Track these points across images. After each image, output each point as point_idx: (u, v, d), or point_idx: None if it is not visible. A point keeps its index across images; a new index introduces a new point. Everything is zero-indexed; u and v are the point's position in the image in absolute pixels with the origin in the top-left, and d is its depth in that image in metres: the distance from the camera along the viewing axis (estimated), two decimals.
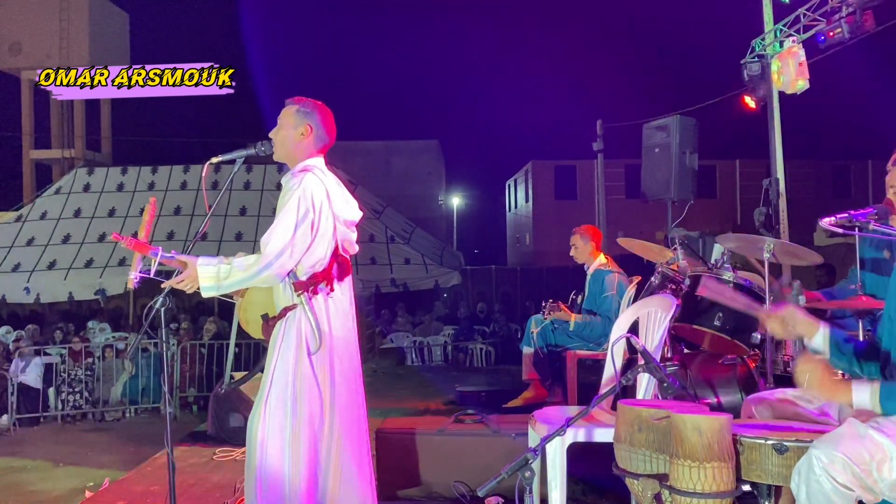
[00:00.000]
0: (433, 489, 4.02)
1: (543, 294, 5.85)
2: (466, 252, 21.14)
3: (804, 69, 7.57)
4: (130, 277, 2.81)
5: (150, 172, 15.05)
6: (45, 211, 14.51)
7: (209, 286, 2.81)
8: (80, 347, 9.30)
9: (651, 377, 2.93)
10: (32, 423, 8.49)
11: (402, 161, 29.82)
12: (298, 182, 2.93)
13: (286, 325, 2.95)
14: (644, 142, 7.91)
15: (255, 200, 13.68)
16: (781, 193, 8.18)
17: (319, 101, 3.12)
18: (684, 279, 4.35)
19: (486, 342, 12.87)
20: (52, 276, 12.95)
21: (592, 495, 3.97)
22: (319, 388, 2.93)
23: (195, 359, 9.37)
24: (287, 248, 2.83)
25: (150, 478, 4.79)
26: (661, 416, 2.44)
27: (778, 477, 2.32)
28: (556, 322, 5.66)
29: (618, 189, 23.70)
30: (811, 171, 25.52)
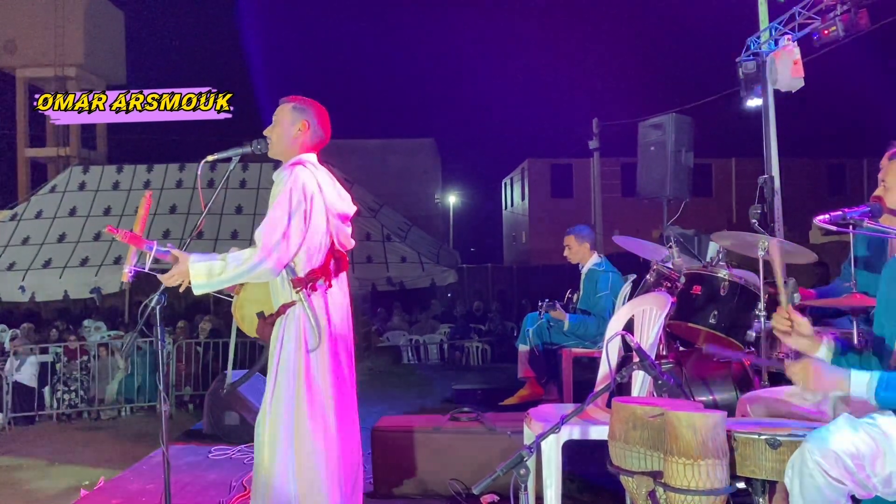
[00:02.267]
0: (429, 487, 4.03)
1: (539, 292, 5.84)
2: (463, 250, 21.18)
3: (799, 67, 7.57)
4: (125, 271, 2.79)
5: (145, 171, 15.04)
6: (40, 210, 14.48)
7: (200, 283, 2.77)
8: (76, 346, 9.28)
9: (646, 375, 2.94)
10: (28, 422, 8.48)
11: (399, 159, 29.79)
12: (289, 174, 2.92)
13: (286, 323, 2.94)
14: (640, 140, 7.91)
15: (251, 198, 13.67)
16: (777, 191, 8.18)
17: (314, 100, 3.13)
18: (679, 277, 4.35)
19: (482, 340, 12.87)
20: (48, 275, 12.93)
21: (587, 493, 3.97)
22: (321, 386, 2.93)
23: (191, 357, 9.36)
24: (282, 239, 2.80)
25: (146, 476, 4.78)
26: (655, 413, 2.45)
27: (772, 472, 2.33)
28: (552, 320, 5.66)
29: (614, 187, 23.73)
30: (806, 169, 25.59)
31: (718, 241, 4.27)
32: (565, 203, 27.28)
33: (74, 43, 23.30)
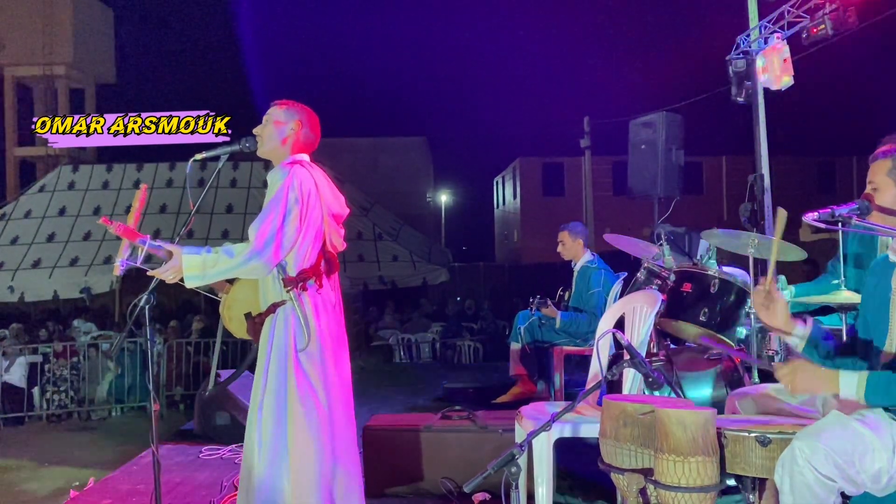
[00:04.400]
0: (420, 485, 4.03)
1: (531, 290, 5.85)
2: (454, 249, 21.18)
3: (789, 65, 7.59)
4: (116, 264, 2.78)
5: (135, 170, 15.00)
6: (29, 209, 14.41)
7: (193, 275, 2.75)
8: (64, 346, 9.23)
9: (636, 372, 2.94)
10: (17, 423, 8.42)
11: (390, 158, 29.79)
12: (287, 172, 2.92)
13: (275, 322, 2.93)
14: (631, 138, 7.94)
15: (241, 198, 13.65)
16: (767, 189, 8.22)
17: (305, 105, 3.15)
18: (669, 275, 4.36)
19: (474, 339, 12.87)
20: (37, 275, 12.87)
21: (579, 490, 3.98)
22: (312, 385, 2.91)
23: (181, 357, 9.33)
24: (276, 236, 2.80)
25: (136, 476, 4.77)
26: (646, 411, 2.46)
27: (762, 469, 2.33)
28: (544, 318, 5.67)
29: (605, 185, 23.78)
30: (796, 167, 25.70)
31: (709, 239, 4.28)
32: (557, 201, 27.33)
33: (63, 41, 23.19)
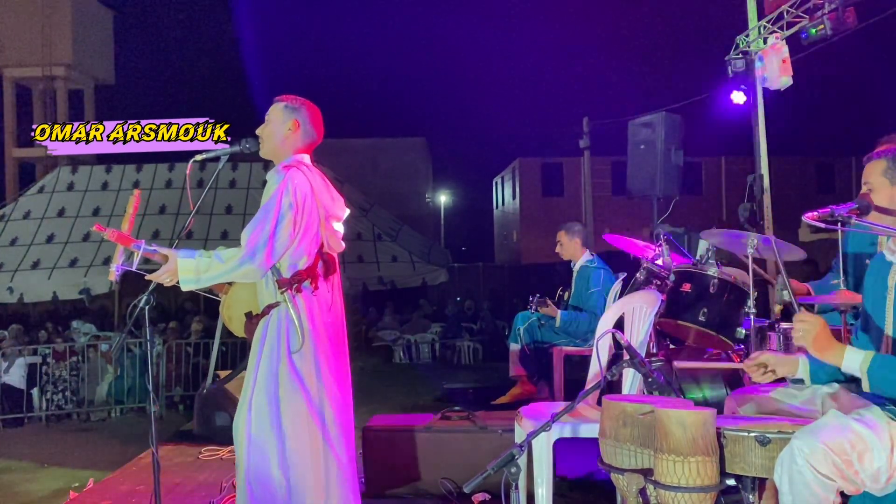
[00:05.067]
0: (420, 486, 4.02)
1: (531, 291, 5.85)
2: (454, 249, 21.16)
3: (788, 66, 7.60)
4: (112, 269, 2.79)
5: (134, 171, 14.98)
6: (28, 210, 14.40)
7: (188, 279, 2.76)
8: (64, 347, 9.23)
9: (636, 373, 2.94)
10: (17, 424, 8.42)
11: (390, 159, 29.79)
12: (283, 176, 2.92)
13: (268, 323, 2.94)
14: (630, 139, 7.93)
15: (240, 198, 13.64)
16: (766, 189, 8.23)
17: (307, 100, 3.12)
18: (669, 275, 4.36)
19: (473, 339, 12.88)
20: (36, 276, 12.86)
21: (578, 491, 3.98)
22: (305, 386, 2.91)
23: (181, 358, 9.33)
24: (268, 241, 2.80)
25: (136, 477, 4.76)
26: (645, 411, 2.45)
27: (761, 469, 2.33)
28: (543, 318, 5.67)
29: (604, 186, 23.78)
30: (795, 167, 25.71)
31: (708, 239, 4.28)
32: (556, 202, 27.33)
33: (62, 42, 23.15)
